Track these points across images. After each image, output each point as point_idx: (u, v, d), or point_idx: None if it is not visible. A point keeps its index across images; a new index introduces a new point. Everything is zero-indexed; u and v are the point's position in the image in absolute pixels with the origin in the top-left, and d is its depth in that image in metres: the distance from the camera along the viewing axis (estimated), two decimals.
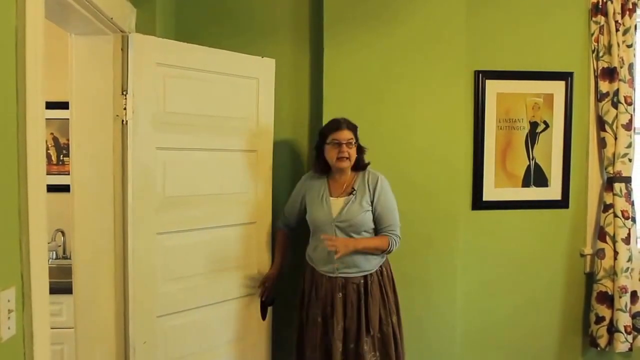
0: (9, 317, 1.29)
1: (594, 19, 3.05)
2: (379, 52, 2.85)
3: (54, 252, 3.03)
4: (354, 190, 2.47)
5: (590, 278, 3.15)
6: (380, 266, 2.51)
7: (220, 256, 2.57)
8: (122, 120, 2.21)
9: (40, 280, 1.44)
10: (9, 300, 1.29)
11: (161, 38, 2.36)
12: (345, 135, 2.44)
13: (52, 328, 1.52)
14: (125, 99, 2.20)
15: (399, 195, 2.76)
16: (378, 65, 2.85)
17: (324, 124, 2.63)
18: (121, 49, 2.20)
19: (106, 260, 2.23)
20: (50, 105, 1.63)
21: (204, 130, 2.47)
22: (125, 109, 2.20)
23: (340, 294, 2.44)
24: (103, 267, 2.23)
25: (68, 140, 2.85)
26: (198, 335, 2.51)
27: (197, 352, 2.51)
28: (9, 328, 1.29)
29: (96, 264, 2.22)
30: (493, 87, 3.02)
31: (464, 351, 3.08)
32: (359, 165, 2.52)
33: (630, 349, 3.06)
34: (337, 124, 2.47)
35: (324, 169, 2.54)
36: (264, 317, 2.72)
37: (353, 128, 2.49)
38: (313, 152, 2.63)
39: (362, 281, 2.45)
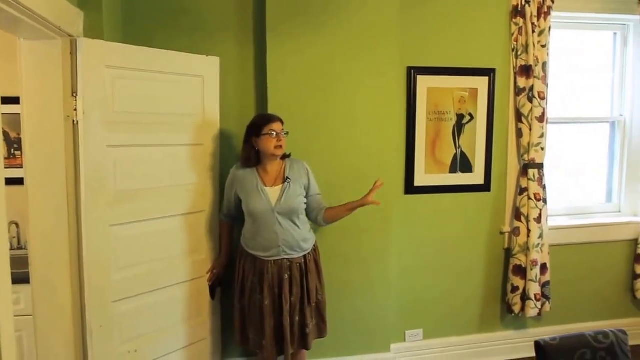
0: None
1: (514, 20, 3.33)
2: (320, 49, 3.04)
3: (9, 243, 3.11)
4: (288, 178, 2.70)
5: (508, 253, 3.53)
6: (314, 244, 2.79)
7: (171, 243, 2.77)
8: (73, 121, 2.33)
9: (2, 271, 1.59)
10: None
11: (109, 42, 2.47)
12: (279, 126, 2.66)
13: None
14: (76, 100, 2.32)
15: (337, 181, 3.04)
16: (319, 62, 3.04)
17: None
18: (70, 53, 2.31)
19: (62, 252, 2.38)
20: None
21: (152, 127, 2.62)
22: (75, 110, 2.32)
23: (287, 274, 2.68)
24: (59, 258, 2.38)
25: (18, 134, 2.93)
26: (152, 317, 2.71)
27: (151, 332, 2.71)
28: None
29: (52, 255, 2.37)
30: (424, 82, 3.28)
31: (397, 323, 3.42)
32: (285, 155, 2.75)
33: (539, 314, 3.48)
34: (270, 117, 2.67)
35: (256, 160, 2.72)
36: (212, 297, 2.96)
37: (282, 121, 2.69)
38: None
39: (303, 260, 2.72)
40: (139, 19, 2.94)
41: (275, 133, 2.62)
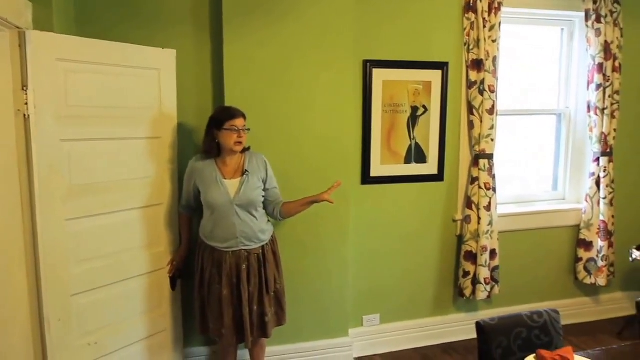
0: None
1: (466, 15, 3.44)
2: (277, 42, 3.07)
3: None
4: (247, 171, 2.75)
5: (460, 240, 3.69)
6: (271, 235, 2.86)
7: (130, 236, 2.78)
8: (24, 115, 2.30)
9: None
10: None
11: (60, 34, 2.43)
12: (241, 122, 2.69)
13: None
14: (26, 94, 2.28)
15: (295, 172, 3.11)
16: (276, 55, 3.08)
17: None
18: (19, 46, 2.26)
19: (17, 247, 2.35)
20: None
21: (108, 120, 2.62)
22: (26, 104, 2.28)
23: (245, 265, 2.74)
24: (14, 254, 2.35)
25: None
26: (112, 309, 2.73)
27: (112, 324, 2.73)
28: None
29: (7, 251, 2.34)
30: (379, 75, 3.36)
31: (355, 309, 3.54)
32: (244, 148, 2.79)
33: (489, 297, 3.66)
34: (234, 112, 2.70)
35: (217, 152, 2.76)
36: (173, 288, 3.00)
37: (245, 116, 2.73)
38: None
39: (261, 251, 2.78)
40: (93, 11, 2.90)
41: (236, 129, 2.66)
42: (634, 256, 3.66)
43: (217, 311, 2.75)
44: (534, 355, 1.95)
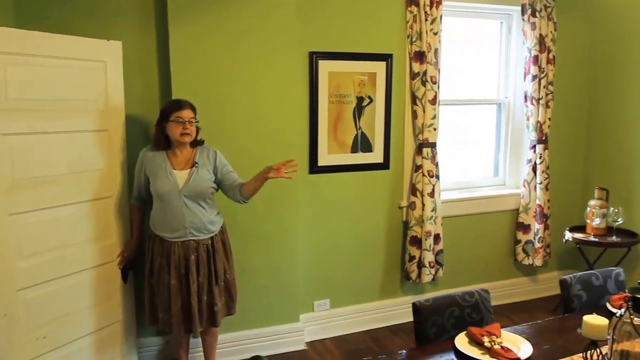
0: None
1: (408, 8, 3.56)
2: (223, 34, 3.11)
3: None
4: (196, 163, 2.79)
5: (406, 225, 3.84)
6: (221, 226, 2.91)
7: (79, 229, 2.78)
8: None
9: None
10: None
11: None
12: (188, 114, 2.73)
13: None
14: None
15: (244, 163, 3.16)
16: (222, 46, 3.12)
17: None
18: None
19: None
20: None
21: (53, 114, 2.60)
22: None
23: (193, 256, 2.79)
24: None
25: None
26: (61, 303, 2.72)
27: (61, 318, 2.73)
28: None
29: None
30: (325, 67, 3.45)
31: (305, 295, 3.64)
32: (197, 142, 2.84)
33: (434, 280, 3.85)
34: (180, 104, 2.74)
35: (165, 144, 2.80)
36: (125, 280, 3.02)
37: (193, 108, 2.77)
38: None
39: (210, 242, 2.83)
40: (35, 3, 2.86)
41: (182, 120, 2.70)
42: (566, 237, 3.91)
43: (166, 301, 2.80)
44: (465, 332, 2.09)
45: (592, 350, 1.77)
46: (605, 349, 1.86)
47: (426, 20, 3.53)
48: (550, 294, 4.43)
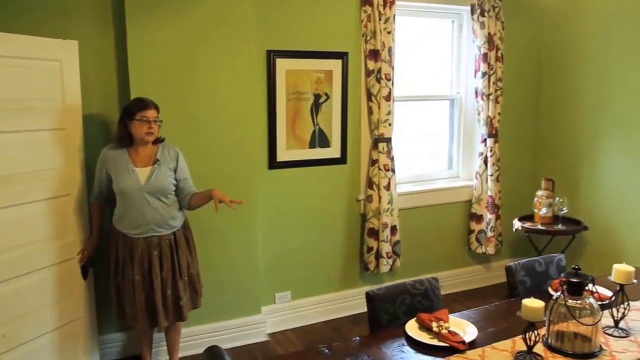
0: None
1: (363, 8, 3.67)
2: (181, 33, 3.15)
3: None
4: (158, 160, 2.84)
5: (363, 218, 3.97)
6: (184, 222, 2.97)
7: (37, 228, 2.79)
8: None
9: None
10: None
11: None
12: (153, 113, 2.78)
13: None
14: None
15: (203, 159, 3.22)
16: (180, 45, 3.16)
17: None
18: None
19: None
20: None
21: (7, 113, 2.59)
22: None
23: (156, 251, 2.84)
24: None
25: None
26: (20, 301, 2.73)
27: (21, 316, 2.73)
28: None
29: None
30: (283, 65, 3.52)
31: (267, 287, 3.73)
32: (158, 139, 2.89)
33: (391, 270, 3.99)
34: (145, 104, 2.78)
35: (128, 142, 2.84)
36: (85, 277, 3.04)
37: (157, 108, 2.82)
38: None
39: (172, 237, 2.89)
40: None
41: (147, 120, 2.74)
42: (516, 226, 4.12)
43: (131, 297, 2.84)
44: (415, 318, 2.21)
45: (531, 332, 1.89)
46: (542, 330, 2.02)
47: (380, 19, 3.64)
48: (503, 280, 4.50)
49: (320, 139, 3.73)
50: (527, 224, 4.08)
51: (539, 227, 4.04)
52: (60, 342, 2.94)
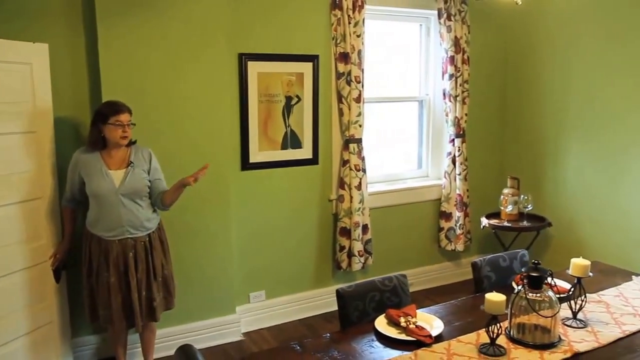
0: None
1: (333, 12, 3.74)
2: (153, 35, 3.16)
3: None
4: (132, 162, 2.86)
5: (336, 217, 4.04)
6: (158, 223, 2.99)
7: (7, 232, 2.77)
8: None
9: None
10: None
11: None
12: (126, 117, 2.79)
13: None
14: None
15: (177, 160, 3.24)
16: (152, 48, 3.17)
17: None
18: None
19: None
20: None
21: None
22: None
23: (131, 253, 2.85)
24: None
25: None
26: None
27: None
28: None
29: None
30: (254, 68, 3.57)
31: (241, 287, 3.78)
32: (131, 142, 2.91)
33: (363, 268, 4.08)
34: (119, 108, 2.78)
35: (102, 145, 2.84)
36: (57, 280, 3.03)
37: (130, 111, 2.83)
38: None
39: (147, 239, 2.91)
40: None
41: (121, 124, 2.75)
42: (483, 223, 4.25)
43: (106, 299, 2.85)
44: (384, 314, 2.29)
45: (493, 325, 1.97)
46: (505, 323, 2.12)
47: (349, 23, 3.72)
48: (472, 276, 4.75)
49: (292, 140, 3.79)
50: (494, 221, 4.20)
51: (506, 224, 4.17)
52: (33, 346, 2.93)
